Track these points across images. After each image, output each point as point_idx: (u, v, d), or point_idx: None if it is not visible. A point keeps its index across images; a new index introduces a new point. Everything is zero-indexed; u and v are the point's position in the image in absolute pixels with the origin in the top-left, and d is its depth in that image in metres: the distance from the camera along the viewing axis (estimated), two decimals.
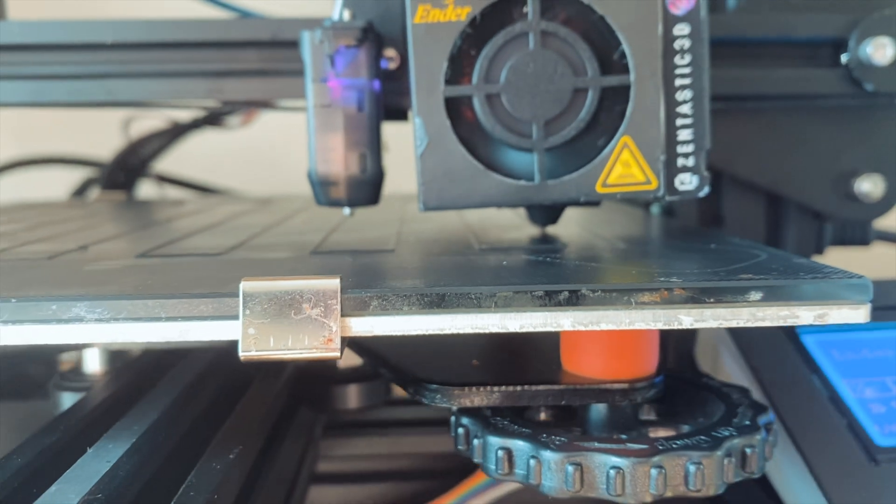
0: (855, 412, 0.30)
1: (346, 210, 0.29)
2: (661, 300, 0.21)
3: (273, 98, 0.34)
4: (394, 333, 0.21)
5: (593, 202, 0.27)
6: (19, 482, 0.22)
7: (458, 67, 0.26)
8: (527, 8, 0.25)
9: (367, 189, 0.29)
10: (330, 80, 0.28)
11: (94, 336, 0.21)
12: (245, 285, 0.21)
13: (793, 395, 0.31)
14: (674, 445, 0.23)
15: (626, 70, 0.26)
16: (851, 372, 0.32)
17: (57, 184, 0.70)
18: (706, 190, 0.27)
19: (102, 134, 0.70)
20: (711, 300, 0.21)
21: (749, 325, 0.21)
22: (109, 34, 0.33)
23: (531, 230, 0.34)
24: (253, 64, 0.33)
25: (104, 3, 0.73)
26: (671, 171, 0.26)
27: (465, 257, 0.27)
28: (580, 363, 0.26)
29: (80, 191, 0.65)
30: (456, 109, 0.26)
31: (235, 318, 0.21)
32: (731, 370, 0.34)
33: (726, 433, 0.24)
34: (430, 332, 0.21)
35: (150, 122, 0.61)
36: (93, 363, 0.34)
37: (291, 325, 0.21)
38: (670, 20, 0.26)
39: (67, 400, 0.32)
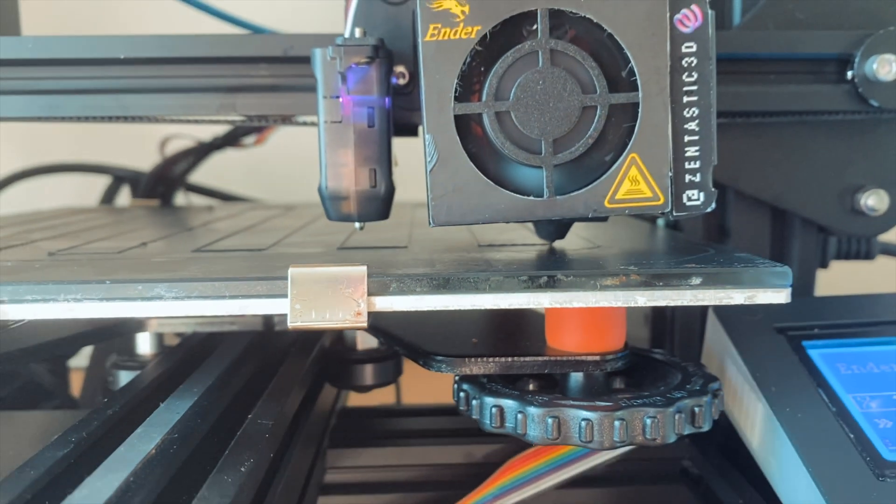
0: (862, 426, 0.30)
1: (357, 224, 0.30)
2: (620, 284, 0.26)
3: (284, 113, 0.34)
4: (409, 309, 0.26)
5: (601, 217, 0.27)
6: (106, 429, 0.27)
7: (468, 85, 0.26)
8: (536, 26, 0.26)
9: (378, 204, 0.29)
10: (341, 97, 0.28)
11: (171, 311, 0.26)
12: (293, 271, 0.26)
13: (799, 409, 0.31)
14: (634, 403, 0.28)
15: (634, 87, 0.26)
16: (858, 386, 0.32)
17: (58, 191, 0.71)
18: (713, 205, 0.27)
19: (99, 140, 0.72)
20: (661, 284, 0.26)
21: (692, 304, 0.26)
22: (123, 49, 0.34)
23: (523, 232, 0.38)
24: (265, 80, 0.33)
25: (117, 19, 0.74)
26: (678, 187, 0.27)
27: (468, 252, 0.31)
28: (561, 340, 0.31)
29: (107, 198, 0.69)
30: (465, 126, 0.26)
31: (285, 296, 0.26)
32: (737, 382, 0.34)
33: (679, 395, 0.29)
34: (438, 308, 0.26)
35: (181, 141, 0.66)
36: (145, 346, 0.40)
37: (329, 301, 0.26)
38: (678, 38, 0.26)
39: (125, 376, 0.38)
